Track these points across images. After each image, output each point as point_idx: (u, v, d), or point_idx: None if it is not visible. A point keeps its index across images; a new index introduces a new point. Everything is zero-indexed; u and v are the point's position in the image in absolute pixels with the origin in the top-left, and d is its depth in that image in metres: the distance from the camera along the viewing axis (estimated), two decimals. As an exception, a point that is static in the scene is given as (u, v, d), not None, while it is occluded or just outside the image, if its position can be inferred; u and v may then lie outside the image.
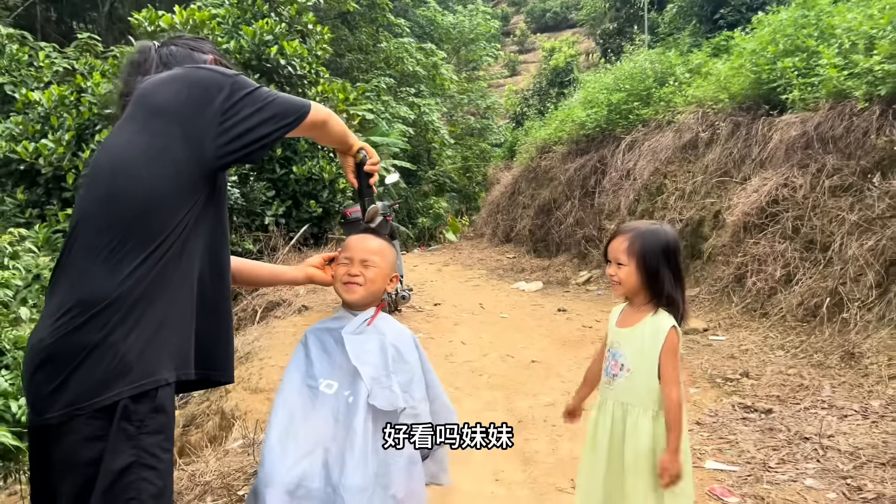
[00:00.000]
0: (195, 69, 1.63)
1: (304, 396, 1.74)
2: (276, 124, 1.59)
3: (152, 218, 1.46)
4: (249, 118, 1.55)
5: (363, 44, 18.68)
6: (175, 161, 1.49)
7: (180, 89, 1.55)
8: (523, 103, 21.73)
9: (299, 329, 6.40)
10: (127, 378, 1.39)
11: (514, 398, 4.40)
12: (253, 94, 1.57)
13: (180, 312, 1.53)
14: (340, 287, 1.88)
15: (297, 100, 1.66)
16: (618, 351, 2.08)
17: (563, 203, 10.63)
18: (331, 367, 1.78)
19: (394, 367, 1.77)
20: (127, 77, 1.75)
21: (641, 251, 2.01)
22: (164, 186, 1.48)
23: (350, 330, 1.81)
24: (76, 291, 1.43)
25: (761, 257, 6.02)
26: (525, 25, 43.80)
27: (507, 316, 7.15)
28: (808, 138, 6.01)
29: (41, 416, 1.39)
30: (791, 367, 4.65)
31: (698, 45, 11.41)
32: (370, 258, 1.87)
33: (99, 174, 1.53)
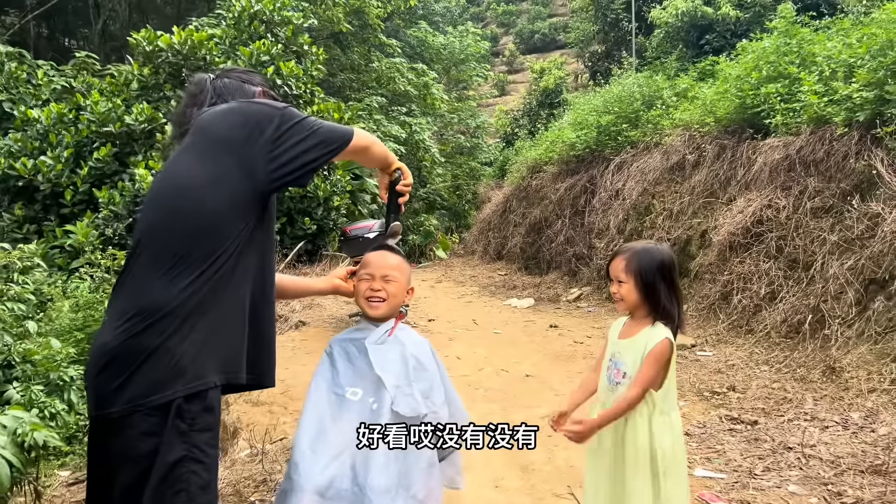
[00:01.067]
0: (249, 103, 1.79)
1: (332, 403, 1.89)
2: (321, 150, 1.74)
3: (211, 237, 1.63)
4: (297, 146, 1.70)
5: (355, 63, 18.96)
6: (232, 186, 1.66)
7: (235, 122, 1.72)
8: (514, 123, 22.03)
9: (297, 345, 6.52)
10: (181, 380, 1.55)
11: (510, 410, 4.54)
12: (300, 124, 1.73)
13: (231, 322, 1.68)
14: (364, 303, 2.02)
15: (340, 128, 1.82)
16: (620, 360, 2.24)
17: (554, 222, 10.84)
18: (355, 375, 1.93)
19: (415, 376, 1.92)
20: (184, 108, 1.92)
21: (638, 269, 2.18)
22: (223, 209, 1.65)
23: (373, 340, 1.97)
24: (139, 300, 1.59)
25: (746, 276, 6.23)
26: (514, 46, 44.34)
27: (501, 332, 7.31)
28: (790, 161, 6.25)
29: (104, 411, 1.54)
30: (775, 381, 4.84)
31: (685, 69, 11.74)
32: (391, 273, 2.01)
33: (163, 196, 1.70)
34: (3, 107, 10.14)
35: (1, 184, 9.05)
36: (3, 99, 10.20)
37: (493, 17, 50.98)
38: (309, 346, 6.36)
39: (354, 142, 1.82)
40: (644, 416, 2.18)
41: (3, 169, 8.86)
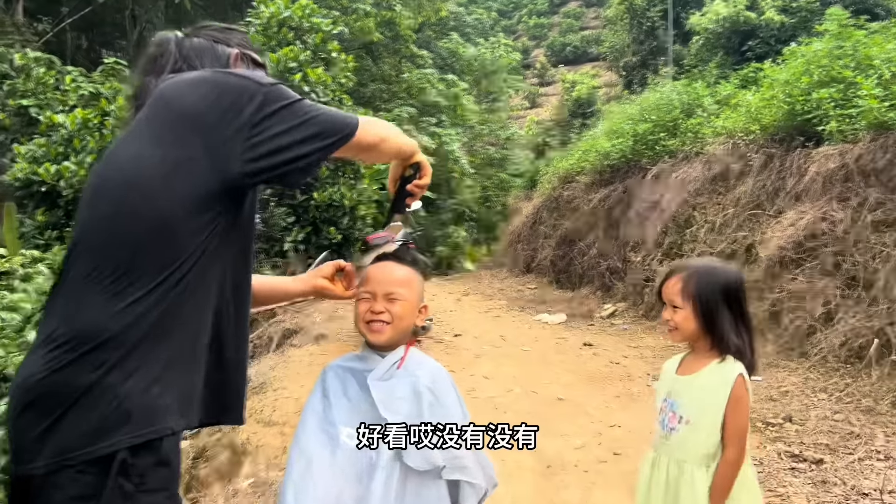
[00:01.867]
0: (227, 74, 1.41)
1: (322, 444, 1.52)
2: (314, 144, 1.36)
3: (166, 242, 1.27)
4: (283, 135, 1.33)
5: (386, 74, 18.80)
6: (195, 178, 1.29)
7: (207, 94, 1.34)
8: (545, 133, 21.67)
9: (316, 359, 6.20)
10: (126, 426, 1.19)
11: (541, 440, 4.08)
12: (291, 108, 1.36)
13: (191, 350, 1.33)
14: (363, 328, 1.63)
15: (343, 116, 1.43)
16: (676, 401, 1.87)
17: (587, 234, 10.41)
18: (353, 414, 1.55)
19: (430, 416, 1.53)
20: (142, 75, 1.54)
21: (697, 292, 1.83)
22: (182, 206, 1.28)
23: (377, 376, 1.59)
24: (72, 322, 1.23)
25: (799, 294, 5.75)
26: (545, 59, 44.15)
27: (531, 349, 6.91)
28: (847, 171, 5.78)
29: (25, 465, 1.19)
30: (837, 412, 4.36)
31: (725, 76, 11.27)
32: (396, 291, 1.61)
33: (105, 189, 1.33)
34: (31, 112, 10.09)
35: (23, 189, 8.93)
36: (31, 104, 10.15)
37: (524, 29, 50.92)
38: (328, 361, 6.02)
39: (360, 136, 1.42)
40: (704, 470, 1.78)
41: (27, 174, 8.74)
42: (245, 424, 1.57)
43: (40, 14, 14.89)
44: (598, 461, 3.78)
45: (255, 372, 6.00)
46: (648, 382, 5.45)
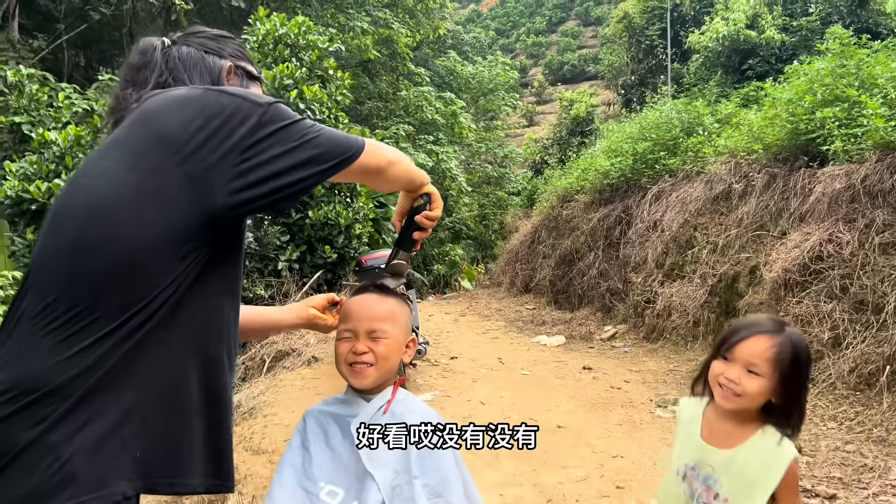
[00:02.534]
0: (219, 94, 1.25)
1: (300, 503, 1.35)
2: (314, 167, 1.23)
3: (129, 281, 1.11)
4: (277, 159, 1.20)
5: (383, 92, 18.76)
6: (171, 211, 1.14)
7: (194, 117, 1.19)
8: (543, 152, 21.62)
9: (308, 383, 6.02)
10: (68, 489, 1.03)
11: (540, 471, 3.96)
12: (288, 129, 1.22)
13: (160, 404, 1.15)
14: (346, 370, 1.47)
15: (345, 138, 1.30)
16: (711, 476, 1.62)
17: (586, 254, 10.26)
18: (335, 466, 1.39)
19: (420, 467, 1.37)
20: (122, 86, 1.38)
21: (791, 364, 1.54)
22: (152, 242, 1.13)
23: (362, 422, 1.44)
24: (13, 368, 1.08)
25: (805, 317, 5.59)
26: (543, 77, 44.33)
27: (529, 373, 6.73)
28: (854, 191, 5.65)
29: None
30: (848, 442, 4.19)
31: (725, 95, 11.20)
32: (379, 328, 1.46)
33: (68, 217, 1.17)
34: (23, 129, 9.97)
35: (14, 207, 8.78)
36: (23, 121, 10.04)
37: (522, 48, 51.23)
38: (320, 387, 5.85)
39: (364, 159, 1.30)
40: None
41: (18, 192, 8.60)
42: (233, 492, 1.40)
43: (36, 31, 14.83)
44: (600, 495, 3.60)
45: (245, 396, 5.82)
46: (651, 409, 5.27)
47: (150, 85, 1.35)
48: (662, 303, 7.74)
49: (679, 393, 5.70)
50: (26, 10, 14.60)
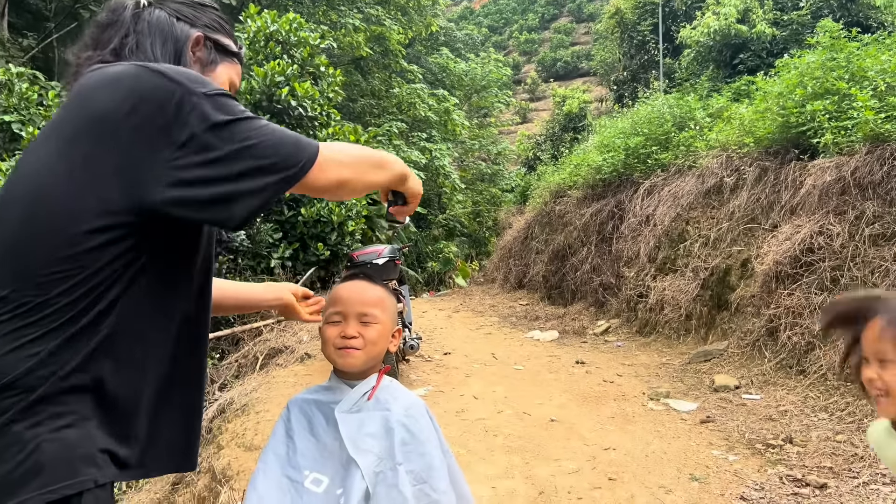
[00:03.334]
0: (153, 74, 1.12)
1: (284, 493, 1.34)
2: (253, 181, 1.09)
3: (70, 276, 1.07)
4: (213, 165, 1.08)
5: (376, 89, 18.72)
6: (102, 200, 1.08)
7: (123, 99, 1.09)
8: (536, 148, 21.63)
9: (301, 379, 6.01)
10: (37, 480, 1.01)
11: (533, 464, 3.97)
12: (235, 127, 1.09)
13: (120, 395, 1.14)
14: (333, 352, 1.46)
15: (295, 144, 1.13)
16: None
17: (579, 249, 10.27)
18: (319, 454, 1.38)
19: (404, 454, 1.36)
20: (84, 48, 1.28)
21: None
22: (85, 236, 1.07)
23: (345, 408, 1.42)
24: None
25: (796, 309, 5.61)
26: (536, 74, 44.35)
27: (522, 367, 6.73)
28: (844, 184, 5.67)
29: None
30: (839, 432, 4.21)
31: (717, 90, 11.20)
32: (369, 312, 1.45)
33: (9, 207, 1.12)
34: (13, 128, 9.90)
35: (4, 206, 8.75)
36: (13, 120, 9.96)
37: (515, 45, 51.21)
38: (313, 383, 5.82)
39: (316, 173, 1.14)
40: None
41: (7, 191, 8.57)
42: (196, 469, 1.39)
43: (26, 30, 14.73)
44: (592, 487, 3.61)
45: (238, 393, 5.80)
46: (644, 402, 5.28)
47: (111, 46, 1.25)
48: (655, 297, 7.76)
49: (671, 386, 5.71)
50: (16, 8, 14.51)
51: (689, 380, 5.88)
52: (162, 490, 4.96)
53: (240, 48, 1.43)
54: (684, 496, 3.44)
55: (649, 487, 3.57)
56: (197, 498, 4.53)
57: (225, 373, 7.14)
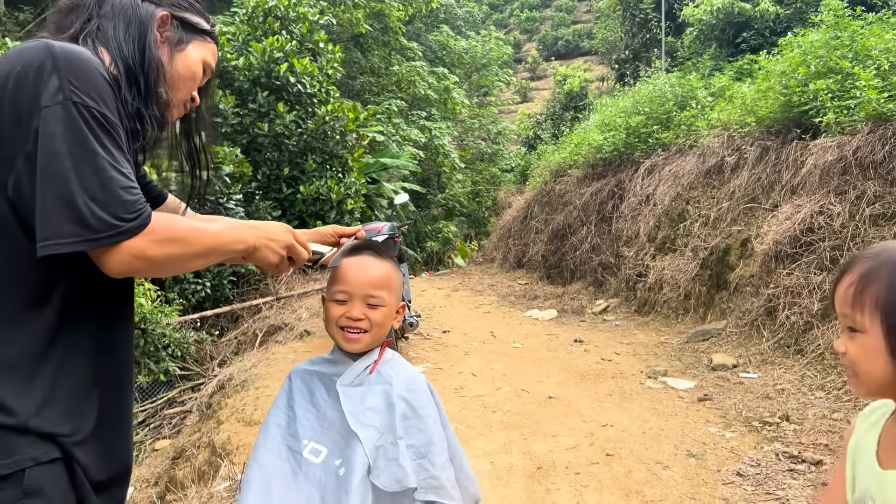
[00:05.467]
0: (42, 47, 1.07)
1: (284, 462, 1.35)
2: (57, 227, 1.01)
3: None
4: (47, 189, 1.01)
5: (375, 67, 18.55)
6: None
7: (8, 74, 1.06)
8: (536, 127, 21.51)
9: (300, 356, 6.02)
10: None
11: (531, 439, 3.99)
12: (59, 159, 1.01)
13: (66, 366, 1.13)
14: (337, 333, 1.43)
15: (130, 202, 1.05)
16: None
17: (579, 228, 10.26)
18: (319, 425, 1.38)
19: (404, 428, 1.37)
20: (48, 30, 1.25)
21: (889, 301, 0.97)
22: None
23: (347, 381, 1.42)
24: None
25: (795, 289, 5.62)
26: (537, 53, 43.97)
27: (521, 346, 6.76)
28: (845, 163, 5.64)
29: None
30: (835, 410, 4.23)
31: (719, 69, 11.12)
32: (376, 294, 1.41)
33: None
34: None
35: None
36: (10, 95, 9.91)
37: (516, 23, 50.71)
38: (312, 359, 5.85)
39: (121, 256, 1.05)
40: None
41: (5, 166, 8.53)
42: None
43: (22, 4, 14.55)
44: (589, 462, 3.63)
45: (238, 369, 5.82)
46: (642, 381, 5.31)
47: (71, 31, 1.20)
48: (654, 276, 7.76)
49: (669, 365, 5.74)
50: (11, -18, 14.32)
51: (686, 359, 5.90)
52: (162, 465, 4.99)
53: (213, 26, 1.39)
54: (681, 472, 3.47)
55: (646, 463, 3.59)
56: (197, 471, 4.55)
57: (224, 349, 7.17)
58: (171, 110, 1.32)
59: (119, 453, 1.23)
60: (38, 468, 1.05)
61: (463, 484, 1.43)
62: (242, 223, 1.27)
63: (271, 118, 9.25)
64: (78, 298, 1.12)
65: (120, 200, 1.03)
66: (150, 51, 1.24)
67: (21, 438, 1.04)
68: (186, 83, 1.34)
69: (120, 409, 1.24)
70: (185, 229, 1.14)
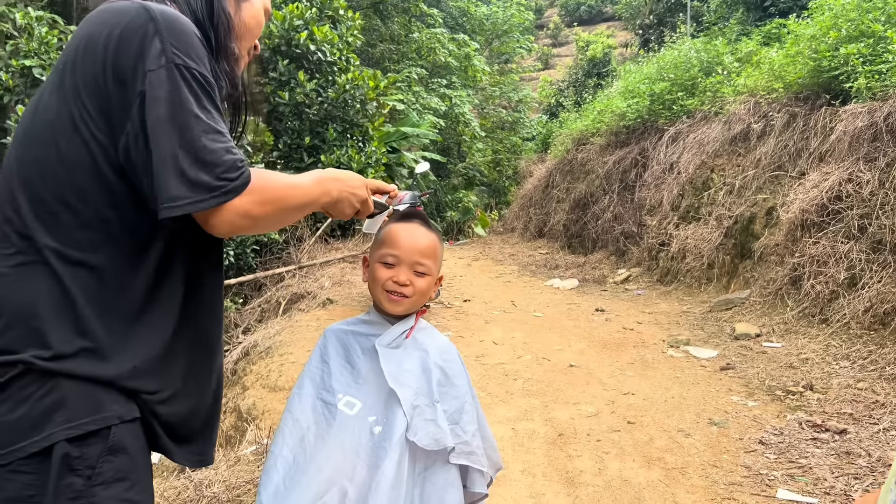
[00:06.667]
0: (140, 10, 1.07)
1: (319, 415, 1.38)
2: (181, 188, 1.02)
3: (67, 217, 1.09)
4: (165, 141, 1.02)
5: (395, 34, 18.36)
6: (93, 132, 1.07)
7: (109, 36, 1.06)
8: (558, 94, 21.22)
9: (323, 324, 6.09)
10: (59, 413, 1.02)
11: (552, 407, 4.02)
12: (173, 117, 1.03)
13: (158, 326, 1.14)
14: (382, 295, 1.45)
15: (230, 161, 1.06)
16: None
17: (601, 197, 10.18)
18: (354, 381, 1.41)
19: (439, 394, 1.39)
20: None
21: None
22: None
23: (386, 342, 1.44)
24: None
25: (821, 258, 5.54)
26: (559, 19, 43.20)
27: (542, 315, 6.77)
28: (876, 130, 5.51)
29: None
30: (860, 380, 4.20)
31: (747, 33, 10.85)
32: (424, 263, 1.44)
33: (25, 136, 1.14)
34: (34, 73, 9.90)
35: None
36: (34, 64, 9.96)
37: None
38: (335, 327, 5.92)
39: (243, 202, 1.07)
40: None
41: (30, 136, 8.63)
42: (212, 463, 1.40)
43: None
44: (611, 430, 3.65)
45: (262, 336, 5.90)
46: (663, 350, 5.30)
47: None
48: (677, 245, 7.70)
49: (691, 334, 5.72)
50: (32, -49, 14.31)
51: (709, 328, 5.88)
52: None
53: None
54: (703, 440, 3.48)
55: (668, 431, 3.61)
56: (224, 436, 4.65)
57: (248, 317, 7.25)
58: (239, 64, 1.30)
59: (203, 411, 1.25)
60: (122, 426, 1.07)
61: (487, 453, 1.46)
62: (326, 174, 1.28)
63: (292, 87, 9.22)
64: (172, 257, 1.14)
65: (224, 161, 1.05)
66: (218, 3, 1.22)
67: (108, 395, 1.06)
68: (252, 33, 1.33)
69: (209, 367, 1.26)
70: (283, 186, 1.17)
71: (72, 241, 1.07)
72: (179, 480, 3.03)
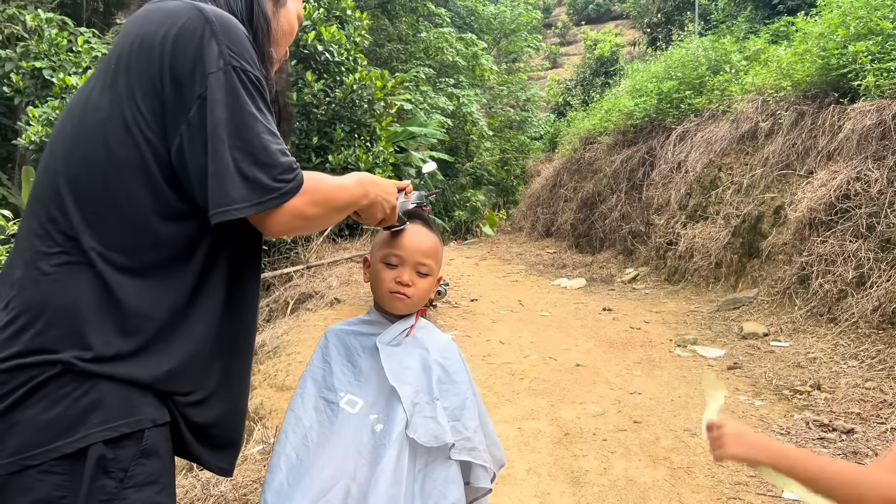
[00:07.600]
0: (196, 11, 1.08)
1: (321, 413, 1.40)
2: (238, 190, 1.04)
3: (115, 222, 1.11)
4: (221, 143, 1.03)
5: (403, 34, 18.38)
6: (146, 133, 1.08)
7: (164, 37, 1.07)
8: (566, 93, 21.18)
9: (330, 323, 6.10)
10: (95, 414, 1.02)
11: (558, 406, 4.03)
12: (233, 117, 1.04)
13: (201, 331, 1.15)
14: (385, 295, 1.49)
15: (280, 171, 1.08)
16: None
17: (608, 196, 10.17)
18: (355, 379, 1.44)
19: (439, 391, 1.42)
20: None
21: None
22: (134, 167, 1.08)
23: (386, 340, 1.47)
24: (26, 291, 1.06)
25: (829, 257, 5.52)
26: (567, 17, 43.07)
27: (549, 314, 6.77)
28: (884, 128, 5.49)
29: None
30: (868, 379, 4.19)
31: (755, 31, 10.81)
32: (426, 263, 1.49)
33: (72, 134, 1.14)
34: (44, 74, 9.98)
35: (39, 152, 8.89)
36: (44, 66, 10.04)
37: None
38: (342, 326, 5.94)
39: (297, 202, 1.10)
40: None
41: (41, 137, 8.69)
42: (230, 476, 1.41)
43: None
44: (617, 429, 3.66)
45: (270, 336, 5.93)
46: (671, 349, 5.30)
47: None
48: (685, 244, 7.68)
49: (698, 333, 5.71)
50: (42, -47, 14.40)
51: (717, 327, 5.86)
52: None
53: None
54: (709, 439, 3.47)
55: (674, 430, 3.61)
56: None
57: (256, 317, 7.29)
58: (273, 68, 1.31)
59: (236, 418, 1.26)
60: (154, 429, 1.08)
61: (489, 448, 1.48)
62: (364, 176, 1.31)
63: (300, 87, 9.26)
64: (214, 261, 1.15)
65: (280, 162, 1.07)
66: (258, 6, 1.22)
67: (143, 398, 1.07)
68: (287, 38, 1.34)
69: (240, 370, 1.26)
70: (332, 188, 1.20)
71: (117, 245, 1.07)
72: (187, 479, 3.05)
